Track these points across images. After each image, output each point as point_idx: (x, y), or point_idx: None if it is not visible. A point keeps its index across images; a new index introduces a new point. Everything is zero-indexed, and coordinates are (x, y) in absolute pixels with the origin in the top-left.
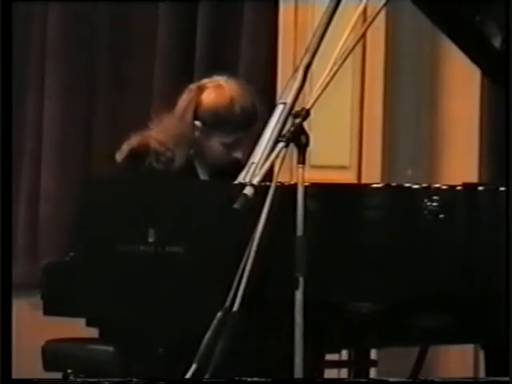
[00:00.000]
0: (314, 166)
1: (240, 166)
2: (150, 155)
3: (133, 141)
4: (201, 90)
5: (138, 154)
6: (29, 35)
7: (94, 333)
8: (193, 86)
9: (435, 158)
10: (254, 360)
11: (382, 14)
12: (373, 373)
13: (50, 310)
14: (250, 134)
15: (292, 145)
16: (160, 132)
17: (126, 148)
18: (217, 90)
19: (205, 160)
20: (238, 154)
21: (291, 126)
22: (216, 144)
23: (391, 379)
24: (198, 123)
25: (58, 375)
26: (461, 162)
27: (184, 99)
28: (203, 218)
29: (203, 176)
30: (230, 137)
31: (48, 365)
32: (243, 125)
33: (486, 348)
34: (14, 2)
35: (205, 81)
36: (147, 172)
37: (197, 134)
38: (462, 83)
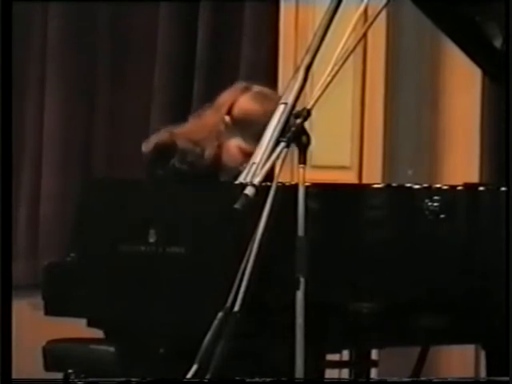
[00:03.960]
0: (314, 166)
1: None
2: (175, 154)
3: (161, 136)
4: (246, 89)
5: (163, 152)
6: (29, 35)
7: (94, 333)
8: (239, 85)
9: (436, 158)
10: (255, 360)
11: (383, 15)
12: (374, 373)
13: (51, 310)
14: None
15: (293, 145)
16: (192, 127)
17: (153, 141)
18: (259, 97)
19: (221, 160)
20: None
21: (292, 126)
22: (234, 146)
23: (392, 379)
24: (227, 118)
25: (59, 375)
26: (462, 163)
27: (226, 94)
28: (204, 218)
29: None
30: (248, 145)
31: (49, 365)
32: None
33: (487, 348)
34: (13, 2)
35: (254, 85)
36: (168, 172)
37: (222, 128)
38: (462, 83)
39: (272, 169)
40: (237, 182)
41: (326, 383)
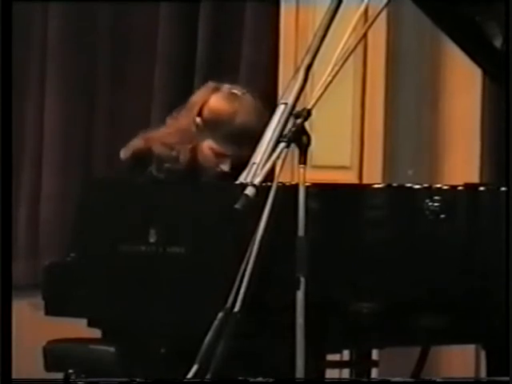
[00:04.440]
0: (315, 167)
1: (225, 179)
2: (152, 161)
3: (137, 142)
4: (216, 90)
5: (140, 160)
6: (29, 35)
7: (95, 333)
8: (210, 84)
9: (436, 158)
10: (255, 360)
11: (383, 15)
12: (374, 373)
13: (52, 310)
14: (243, 154)
15: (293, 145)
16: (167, 130)
17: (130, 147)
18: (228, 96)
19: (196, 162)
20: (225, 167)
21: (292, 126)
22: (206, 147)
23: (393, 379)
24: (198, 119)
25: (60, 375)
26: (462, 162)
27: (197, 94)
28: (204, 218)
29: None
30: (219, 146)
31: (49, 365)
32: (236, 140)
33: (487, 348)
34: (13, 2)
35: (224, 84)
36: (147, 179)
37: (194, 129)
38: (463, 83)
39: (272, 169)
40: (237, 182)
41: (326, 383)
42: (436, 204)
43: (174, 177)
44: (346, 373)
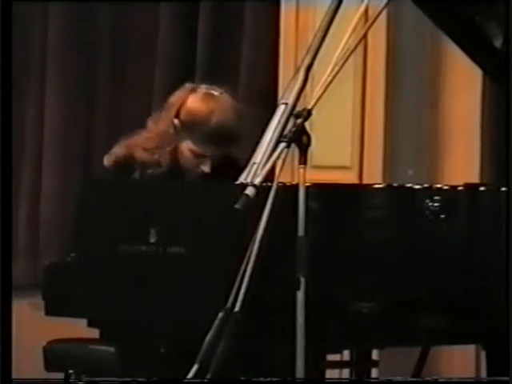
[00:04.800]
0: (315, 167)
1: (206, 179)
2: (135, 168)
3: (119, 150)
4: (193, 91)
5: (123, 167)
6: (29, 35)
7: (95, 333)
8: (188, 86)
9: (436, 158)
10: (256, 360)
11: (383, 15)
12: (374, 373)
13: (52, 310)
14: (222, 154)
15: (293, 145)
16: (148, 134)
17: (113, 155)
18: (205, 97)
19: (178, 164)
20: (206, 168)
21: (293, 126)
22: (185, 149)
23: (393, 379)
24: (176, 120)
25: (60, 376)
26: (462, 163)
27: (174, 96)
28: (204, 218)
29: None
30: (198, 147)
31: (49, 365)
32: (214, 140)
33: (488, 348)
34: (13, 2)
35: (201, 85)
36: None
37: (172, 131)
38: (463, 83)
39: (272, 169)
40: (237, 183)
41: (326, 383)
42: (436, 204)
43: (157, 180)
44: (346, 373)
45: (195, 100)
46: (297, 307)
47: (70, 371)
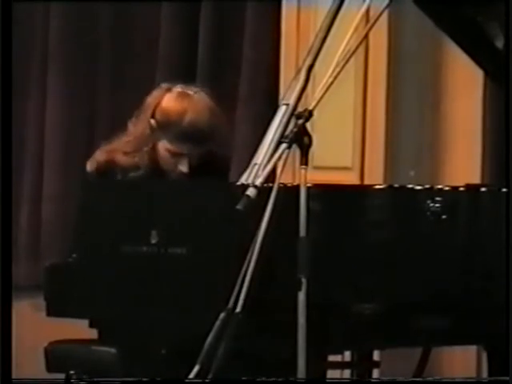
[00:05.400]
0: (316, 167)
1: (186, 179)
2: (116, 173)
3: (100, 155)
4: (168, 91)
5: (105, 173)
6: (29, 35)
7: (96, 334)
8: (163, 86)
9: (438, 159)
10: (257, 361)
11: (385, 16)
12: (375, 374)
13: (53, 311)
14: (199, 153)
15: (295, 146)
16: (127, 137)
17: (94, 161)
18: (179, 96)
19: (156, 165)
20: (184, 168)
21: (294, 127)
22: (162, 148)
23: (394, 380)
24: (152, 121)
25: (61, 376)
26: (463, 163)
27: (150, 97)
28: (206, 219)
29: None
30: (174, 146)
31: (51, 366)
32: (189, 139)
33: (489, 349)
34: (14, 2)
35: (177, 85)
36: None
37: (149, 132)
38: (464, 84)
39: (274, 170)
40: (239, 183)
41: None
42: (437, 205)
43: (138, 182)
44: (347, 373)
45: (170, 99)
46: (298, 308)
47: (71, 372)
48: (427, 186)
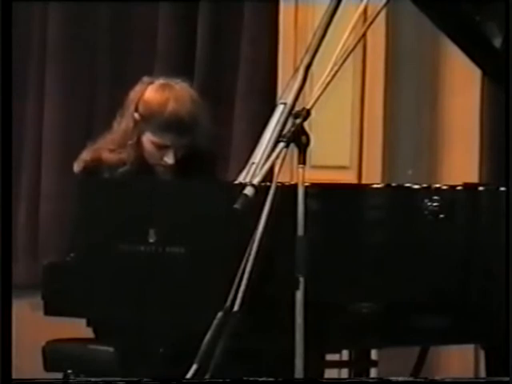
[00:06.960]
0: (314, 166)
1: (172, 172)
2: (103, 172)
3: (87, 155)
4: (150, 83)
5: (92, 172)
6: (29, 35)
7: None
8: (145, 79)
9: (435, 158)
10: (255, 360)
11: (383, 14)
12: (373, 373)
13: (51, 310)
14: (183, 144)
15: (292, 145)
16: (112, 135)
17: (81, 160)
18: (161, 88)
19: (142, 159)
20: (169, 160)
21: (292, 126)
22: (147, 141)
23: (392, 379)
24: (136, 115)
25: (59, 375)
26: (461, 162)
27: (132, 91)
28: (203, 218)
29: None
30: (157, 137)
31: (48, 365)
32: (171, 129)
33: (487, 348)
34: (13, 2)
35: (159, 77)
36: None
37: (133, 125)
38: (462, 83)
39: (271, 169)
40: (236, 182)
41: (325, 383)
42: (435, 204)
43: (125, 178)
44: (345, 373)
45: (151, 91)
46: (296, 307)
47: (69, 371)
48: (425, 185)
